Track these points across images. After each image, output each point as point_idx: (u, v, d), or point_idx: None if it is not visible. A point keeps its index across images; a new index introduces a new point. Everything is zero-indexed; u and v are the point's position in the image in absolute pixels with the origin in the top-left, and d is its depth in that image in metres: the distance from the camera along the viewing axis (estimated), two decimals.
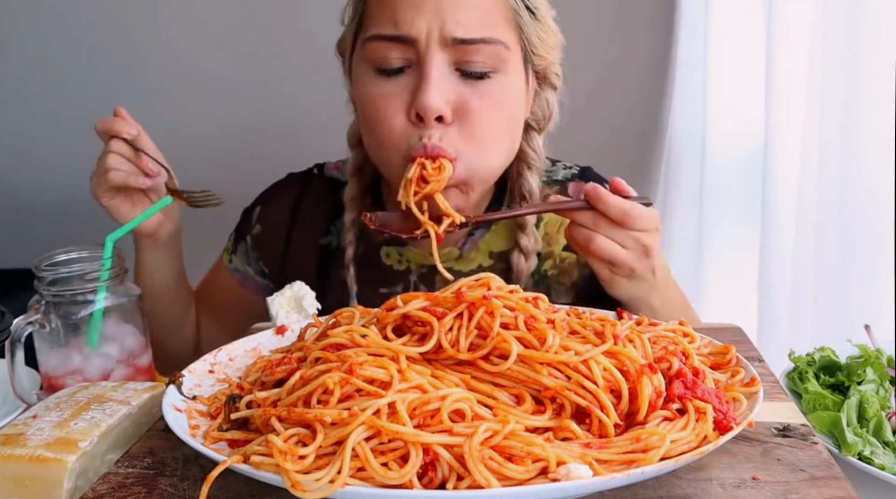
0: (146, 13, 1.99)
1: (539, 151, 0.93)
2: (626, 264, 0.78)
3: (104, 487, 0.53)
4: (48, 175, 2.11)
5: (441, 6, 0.78)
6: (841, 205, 1.39)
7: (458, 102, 0.80)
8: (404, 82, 0.80)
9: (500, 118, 0.82)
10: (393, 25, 0.79)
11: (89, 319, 0.75)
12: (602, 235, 0.77)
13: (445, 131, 0.80)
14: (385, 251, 0.97)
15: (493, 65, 0.80)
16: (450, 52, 0.79)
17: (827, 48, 1.36)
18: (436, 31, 0.78)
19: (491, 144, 0.83)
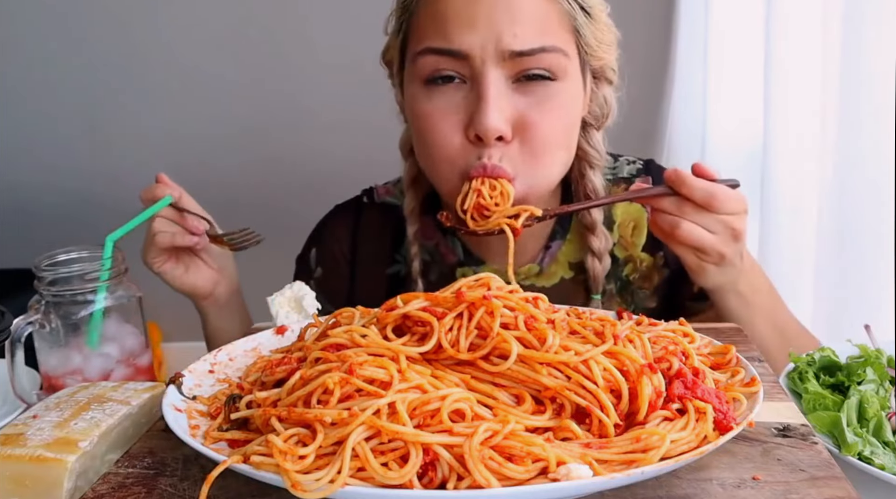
0: (146, 14, 1.99)
1: (600, 148, 0.90)
2: (714, 250, 0.75)
3: (104, 487, 0.53)
4: (48, 175, 2.11)
5: (495, 19, 0.74)
6: (840, 205, 1.39)
7: (518, 118, 0.77)
8: (459, 97, 0.77)
9: (561, 128, 0.79)
10: (445, 40, 0.76)
11: (89, 319, 0.75)
12: (688, 221, 0.75)
13: (506, 150, 0.77)
14: (461, 272, 0.94)
15: (553, 73, 0.77)
16: (507, 65, 0.76)
17: (827, 48, 1.36)
18: (491, 46, 0.74)
19: (550, 158, 0.80)
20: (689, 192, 0.74)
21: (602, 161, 0.91)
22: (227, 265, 0.95)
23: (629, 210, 0.95)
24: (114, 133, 2.08)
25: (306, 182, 1.94)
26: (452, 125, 0.78)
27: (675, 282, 0.96)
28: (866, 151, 1.35)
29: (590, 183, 0.90)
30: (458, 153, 0.78)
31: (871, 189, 1.34)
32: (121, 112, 2.06)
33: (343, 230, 1.00)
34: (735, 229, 0.76)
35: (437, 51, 0.77)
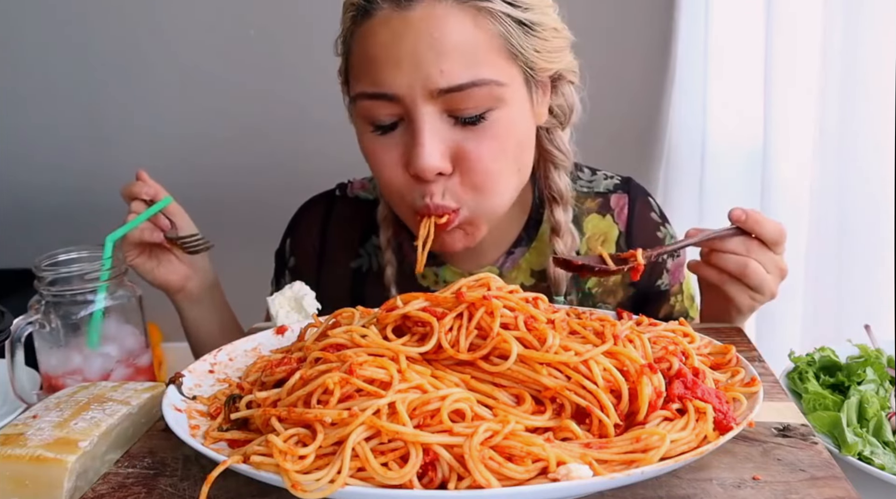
0: (146, 14, 1.99)
1: (564, 148, 0.89)
2: (769, 290, 0.78)
3: (104, 487, 0.53)
4: (48, 175, 2.11)
5: (420, 59, 0.72)
6: (840, 205, 1.39)
7: (456, 151, 0.76)
8: (398, 137, 0.77)
9: (504, 155, 0.78)
10: (374, 83, 0.75)
11: (89, 319, 0.75)
12: (754, 260, 0.76)
13: (447, 183, 0.77)
14: (421, 274, 0.95)
15: (488, 105, 0.75)
16: (438, 102, 0.74)
17: (827, 48, 1.36)
18: (418, 85, 0.73)
19: (495, 185, 0.79)
20: (763, 231, 0.76)
21: (567, 160, 0.90)
22: (200, 261, 0.98)
23: (599, 224, 0.95)
24: (114, 133, 2.08)
25: (307, 183, 1.94)
26: (394, 163, 0.78)
27: (640, 303, 0.98)
28: (866, 152, 1.34)
29: (554, 184, 0.89)
30: (405, 190, 0.79)
31: (871, 189, 1.34)
32: (121, 112, 2.06)
33: (314, 221, 1.02)
34: (783, 268, 0.79)
35: (370, 95, 0.76)
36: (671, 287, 0.98)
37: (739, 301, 0.80)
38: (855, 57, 1.33)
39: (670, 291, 0.98)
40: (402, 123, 0.77)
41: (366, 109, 0.77)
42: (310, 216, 1.03)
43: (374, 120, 0.77)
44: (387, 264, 0.94)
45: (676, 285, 0.98)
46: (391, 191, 0.81)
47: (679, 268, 0.98)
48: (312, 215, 1.03)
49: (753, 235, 0.77)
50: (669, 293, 0.98)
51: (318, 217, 1.02)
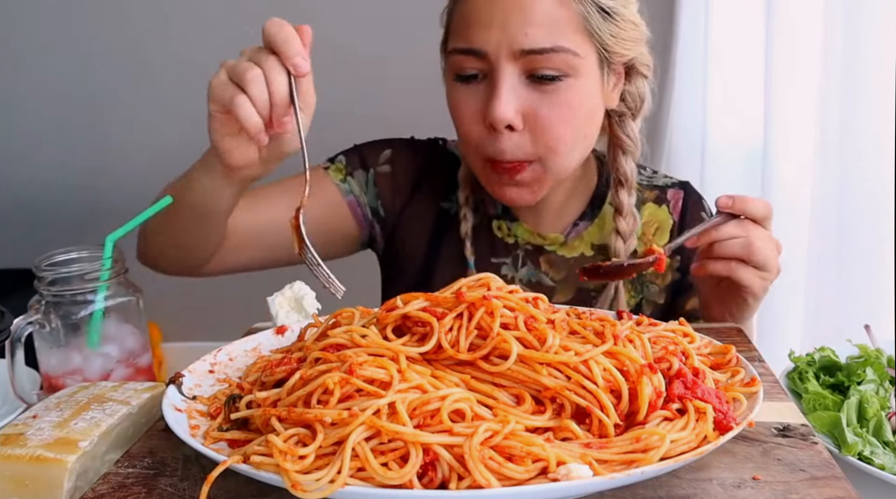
0: (147, 13, 1.99)
1: (633, 136, 0.96)
2: (774, 265, 0.80)
3: (104, 487, 0.53)
4: (48, 175, 2.11)
5: (509, 21, 0.81)
6: (840, 204, 1.39)
7: (529, 110, 0.84)
8: (480, 90, 0.86)
9: (572, 121, 0.86)
10: (466, 40, 0.85)
11: (89, 319, 0.75)
12: (757, 239, 0.79)
13: (520, 138, 0.85)
14: (496, 224, 1.01)
15: (563, 71, 0.83)
16: (519, 63, 0.83)
17: (827, 48, 1.36)
18: (504, 44, 0.82)
19: (563, 147, 0.86)
20: (753, 208, 0.79)
21: (635, 148, 0.97)
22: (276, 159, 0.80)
23: (655, 213, 1.02)
24: (114, 133, 2.08)
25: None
26: (474, 115, 0.86)
27: (676, 292, 1.02)
28: (866, 151, 1.35)
29: (621, 167, 0.96)
30: (479, 140, 0.87)
31: (871, 189, 1.34)
32: (121, 112, 2.06)
33: (420, 153, 1.07)
34: (778, 243, 0.82)
35: (461, 50, 0.85)
36: None
37: (751, 284, 0.81)
38: (855, 57, 1.33)
39: None
40: (484, 79, 0.85)
41: (456, 63, 0.86)
42: (417, 148, 1.07)
43: (460, 71, 0.86)
44: (462, 220, 1.00)
45: None
46: (468, 139, 0.89)
47: None
48: (419, 149, 1.07)
49: (743, 217, 0.80)
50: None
51: (422, 153, 1.07)
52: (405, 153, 1.06)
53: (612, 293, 0.97)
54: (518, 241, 1.01)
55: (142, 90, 2.04)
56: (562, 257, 1.00)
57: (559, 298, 0.99)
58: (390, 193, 1.04)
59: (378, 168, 1.04)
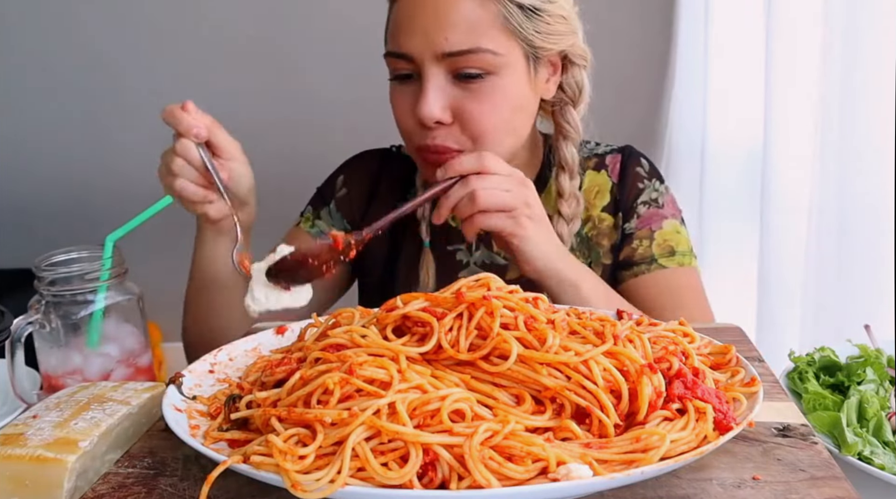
0: (146, 12, 1.99)
1: (573, 123, 1.01)
2: (517, 200, 0.83)
3: (104, 487, 0.53)
4: (48, 175, 2.11)
5: (429, 27, 0.87)
6: (840, 204, 1.39)
7: (455, 106, 0.90)
8: (412, 89, 0.92)
9: (498, 115, 0.91)
10: (395, 45, 0.91)
11: (89, 319, 0.75)
12: (480, 188, 0.81)
13: (448, 131, 0.91)
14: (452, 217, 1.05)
15: (486, 69, 0.88)
16: (443, 64, 0.88)
17: (827, 48, 1.36)
18: (427, 48, 0.87)
19: (490, 137, 0.91)
20: (461, 166, 0.83)
21: (576, 135, 1.01)
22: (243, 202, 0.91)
23: (595, 179, 1.07)
24: (114, 133, 2.08)
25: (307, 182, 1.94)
26: (407, 111, 0.92)
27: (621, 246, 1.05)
28: (866, 152, 1.34)
29: (562, 153, 1.01)
30: (413, 133, 0.93)
31: (871, 189, 1.34)
32: (121, 113, 2.06)
33: (371, 166, 1.13)
34: (519, 177, 0.85)
35: (392, 54, 0.92)
36: (637, 231, 1.04)
37: (501, 227, 0.83)
38: (855, 57, 1.33)
39: (635, 234, 1.04)
40: (416, 79, 0.91)
41: (391, 65, 0.93)
42: (367, 162, 1.13)
43: (395, 71, 0.93)
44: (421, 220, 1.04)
45: (644, 230, 1.04)
46: (403, 132, 0.95)
47: (655, 216, 1.04)
48: (370, 162, 1.13)
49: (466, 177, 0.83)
50: (633, 236, 1.04)
51: (374, 165, 1.13)
52: (356, 170, 1.12)
53: None
54: None
55: (142, 90, 2.04)
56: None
57: (512, 276, 1.01)
58: (350, 211, 1.10)
59: (336, 196, 1.11)
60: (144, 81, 2.04)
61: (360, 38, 1.97)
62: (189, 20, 1.99)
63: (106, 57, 2.03)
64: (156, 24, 2.00)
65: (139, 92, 2.04)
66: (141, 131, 2.05)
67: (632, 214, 1.05)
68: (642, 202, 1.05)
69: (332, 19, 1.93)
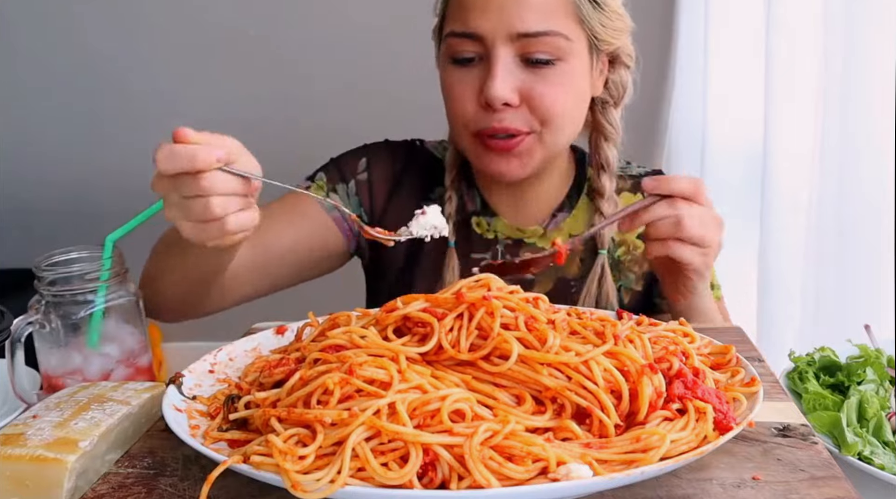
0: (146, 13, 1.99)
1: (615, 123, 1.00)
2: (712, 240, 0.81)
3: (104, 487, 0.53)
4: (48, 175, 2.11)
5: (505, 6, 0.86)
6: (840, 205, 1.39)
7: (524, 89, 0.88)
8: (475, 72, 0.89)
9: (564, 100, 0.89)
10: (464, 24, 0.88)
11: (89, 319, 0.75)
12: (688, 216, 0.78)
13: (515, 113, 0.89)
14: (475, 221, 1.03)
15: (556, 54, 0.87)
16: (515, 45, 0.86)
17: (827, 48, 1.36)
18: (501, 28, 0.86)
19: (557, 122, 0.90)
20: (678, 186, 0.79)
21: (616, 135, 1.00)
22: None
23: (631, 201, 1.04)
24: (114, 133, 2.08)
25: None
26: (468, 95, 0.90)
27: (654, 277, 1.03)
28: (866, 152, 1.34)
29: (603, 153, 1.00)
30: (472, 118, 0.90)
31: (870, 189, 1.34)
32: (121, 113, 2.06)
33: (397, 156, 1.08)
34: (718, 218, 0.82)
35: (458, 34, 0.89)
36: None
37: (691, 260, 0.81)
38: (855, 57, 1.33)
39: None
40: (480, 62, 0.89)
41: (452, 46, 0.90)
42: (393, 151, 1.08)
43: (457, 54, 0.89)
44: (447, 201, 1.02)
45: None
46: (461, 117, 0.91)
47: None
48: (395, 152, 1.08)
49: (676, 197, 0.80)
50: None
51: (399, 155, 1.08)
52: (380, 158, 1.07)
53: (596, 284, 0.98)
54: (497, 235, 1.03)
55: (142, 90, 2.04)
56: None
57: (539, 290, 1.00)
58: (369, 200, 1.06)
59: (357, 177, 1.06)
60: (144, 81, 2.04)
61: (360, 38, 1.97)
62: (189, 20, 1.99)
63: (106, 57, 2.03)
64: (156, 24, 2.00)
65: (139, 92, 2.04)
66: (141, 131, 2.04)
67: None
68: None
69: (332, 19, 1.93)
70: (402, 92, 1.75)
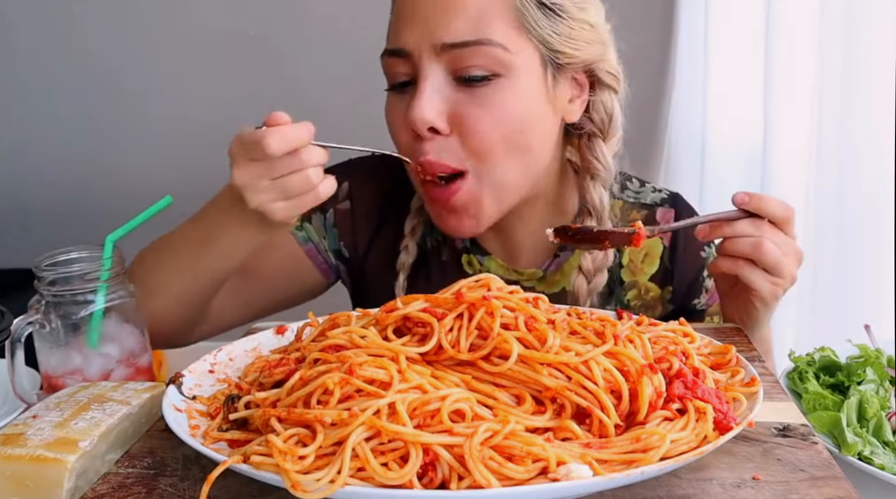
0: (146, 12, 1.99)
1: (603, 159, 0.87)
2: (788, 271, 0.74)
3: (104, 487, 0.53)
4: (48, 175, 2.11)
5: (430, 15, 0.76)
6: (840, 205, 1.39)
7: (454, 112, 0.77)
8: (407, 97, 0.80)
9: (505, 126, 0.78)
10: (392, 40, 0.80)
11: (89, 319, 0.75)
12: (770, 241, 0.73)
13: (445, 144, 0.78)
14: (466, 259, 0.94)
15: (493, 69, 0.76)
16: (444, 60, 0.77)
17: (826, 48, 1.36)
18: (426, 39, 0.76)
19: (494, 155, 0.78)
20: (771, 209, 0.73)
21: (607, 174, 0.87)
22: None
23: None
24: (114, 133, 2.08)
25: None
26: (401, 124, 0.80)
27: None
28: (866, 151, 1.34)
29: (588, 195, 0.87)
30: (408, 150, 0.81)
31: (870, 189, 1.34)
32: (121, 113, 2.06)
33: (381, 182, 0.97)
34: (799, 251, 0.76)
35: (389, 52, 0.81)
36: (707, 307, 0.96)
37: (760, 287, 0.75)
38: (854, 56, 1.33)
39: (706, 311, 0.95)
40: (413, 86, 0.79)
41: (387, 68, 0.82)
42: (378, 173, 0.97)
43: (392, 78, 0.81)
44: (402, 250, 0.92)
45: (714, 306, 0.95)
46: (400, 151, 0.82)
47: None
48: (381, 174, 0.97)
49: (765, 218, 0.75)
50: (705, 313, 0.95)
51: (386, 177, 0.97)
52: (366, 184, 0.96)
53: None
54: None
55: (142, 90, 2.04)
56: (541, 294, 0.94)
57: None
58: (351, 233, 0.96)
59: (338, 206, 0.95)
60: (144, 82, 2.04)
61: (357, 41, 1.97)
62: (189, 21, 1.99)
63: (106, 57, 2.03)
64: (156, 25, 2.00)
65: (139, 92, 2.04)
66: (141, 131, 2.05)
67: (699, 289, 0.94)
68: (708, 275, 0.92)
69: (330, 22, 1.93)
70: None
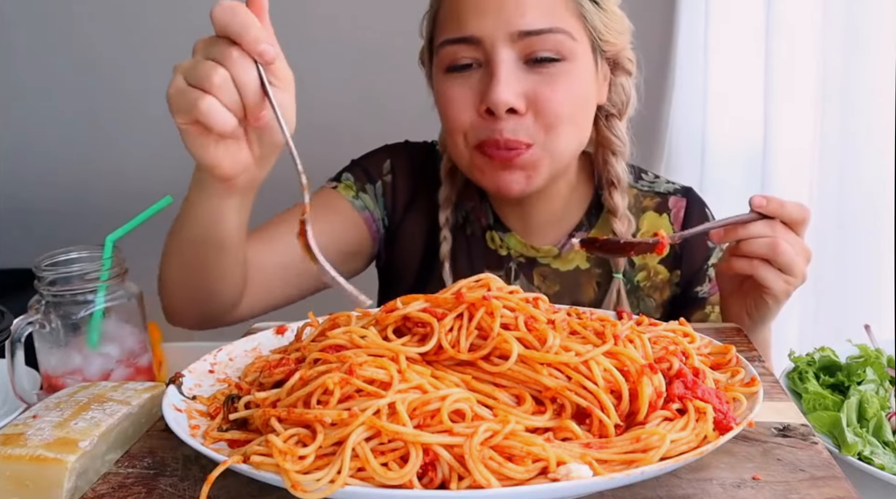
0: (146, 12, 1.99)
1: (622, 136, 0.95)
2: (800, 271, 0.78)
3: (104, 487, 0.53)
4: (48, 175, 2.11)
5: (504, 5, 0.82)
6: (840, 204, 1.39)
7: (530, 93, 0.83)
8: (473, 80, 0.85)
9: (571, 103, 0.85)
10: (460, 29, 0.84)
11: (89, 319, 0.75)
12: (784, 241, 0.76)
13: (520, 122, 0.84)
14: (490, 235, 1.00)
15: (561, 53, 0.83)
16: (517, 46, 0.82)
17: (827, 48, 1.36)
18: (501, 28, 0.82)
19: (563, 129, 0.85)
20: (787, 211, 0.76)
21: (625, 149, 0.96)
22: (270, 154, 0.70)
23: (655, 222, 1.00)
24: (114, 133, 2.08)
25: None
26: (467, 104, 0.85)
27: (678, 305, 1.01)
28: (866, 152, 1.34)
29: (612, 169, 0.95)
30: (470, 128, 0.86)
31: (870, 189, 1.34)
32: (121, 113, 2.06)
33: (415, 161, 1.05)
34: (808, 251, 0.79)
35: (454, 40, 0.84)
36: (709, 296, 0.99)
37: (773, 286, 0.78)
38: (855, 56, 1.33)
39: (708, 299, 0.99)
40: (479, 69, 0.85)
41: (448, 55, 0.85)
42: (414, 153, 1.05)
43: (454, 62, 0.85)
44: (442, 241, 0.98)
45: (715, 295, 0.98)
46: (457, 129, 0.87)
47: None
48: (416, 154, 1.05)
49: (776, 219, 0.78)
50: (706, 301, 0.99)
51: (418, 157, 1.05)
52: (403, 161, 1.04)
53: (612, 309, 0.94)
54: (510, 253, 0.99)
55: (142, 90, 2.04)
56: (556, 271, 0.98)
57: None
58: (392, 203, 1.03)
59: (383, 179, 1.03)
60: (145, 82, 2.03)
61: (358, 41, 1.97)
62: (190, 21, 1.99)
63: (106, 57, 2.03)
64: (156, 24, 2.00)
65: (139, 92, 2.04)
66: (141, 131, 2.05)
67: (703, 277, 0.99)
68: (713, 264, 0.98)
69: (330, 22, 1.93)
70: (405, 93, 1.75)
